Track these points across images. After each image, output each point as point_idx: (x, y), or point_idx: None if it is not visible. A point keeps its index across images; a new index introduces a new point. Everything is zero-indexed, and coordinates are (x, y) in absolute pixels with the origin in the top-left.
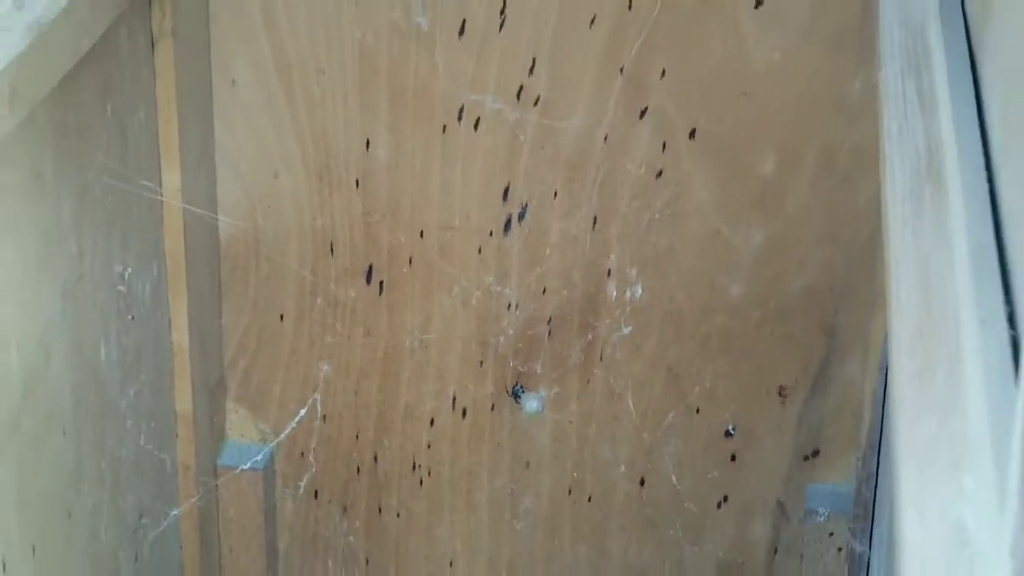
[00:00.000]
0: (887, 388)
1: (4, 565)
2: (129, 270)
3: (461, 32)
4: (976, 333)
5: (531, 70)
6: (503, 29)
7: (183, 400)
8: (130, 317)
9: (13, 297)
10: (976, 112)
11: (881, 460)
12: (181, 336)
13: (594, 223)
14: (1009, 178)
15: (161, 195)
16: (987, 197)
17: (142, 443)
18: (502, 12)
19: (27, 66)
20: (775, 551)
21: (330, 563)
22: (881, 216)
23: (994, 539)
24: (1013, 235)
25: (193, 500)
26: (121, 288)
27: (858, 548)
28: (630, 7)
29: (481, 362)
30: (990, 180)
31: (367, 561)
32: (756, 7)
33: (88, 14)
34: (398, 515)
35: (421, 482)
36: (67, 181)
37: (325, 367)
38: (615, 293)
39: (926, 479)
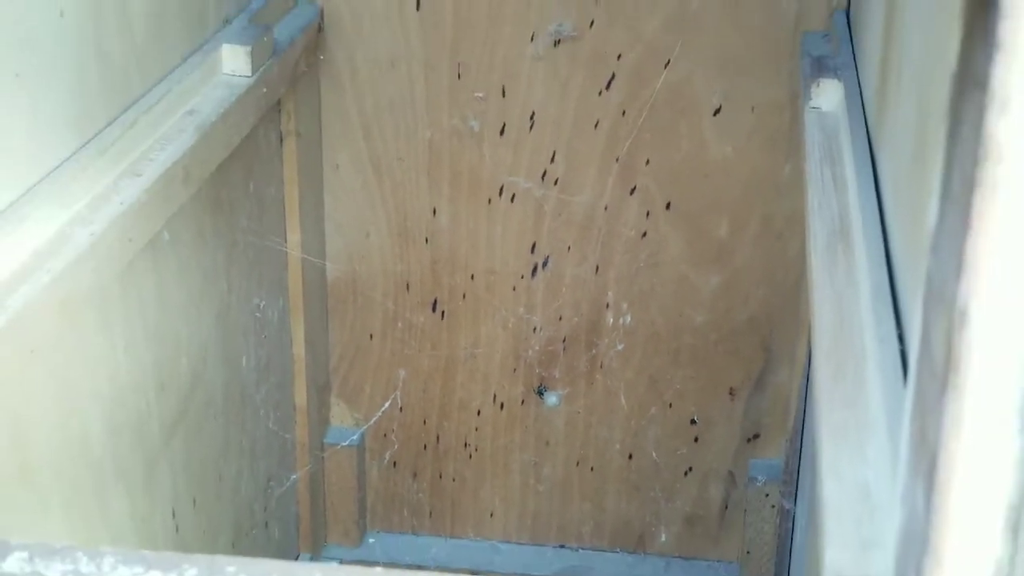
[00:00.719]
0: (808, 389)
1: (174, 512)
2: (263, 302)
3: (502, 132)
4: (875, 348)
5: (552, 159)
6: (532, 130)
7: (300, 395)
8: (263, 335)
9: (183, 321)
10: (875, 192)
11: (804, 441)
12: (299, 349)
13: (597, 270)
14: (898, 239)
15: (286, 248)
16: (883, 252)
17: (271, 426)
18: (531, 118)
19: (196, 156)
20: (726, 507)
21: (405, 513)
22: (806, 265)
23: (889, 493)
24: (901, 279)
25: (306, 468)
26: (257, 315)
27: (787, 505)
28: (623, 115)
29: (514, 369)
30: (885, 240)
31: (430, 513)
32: (714, 115)
33: (238, 119)
34: (453, 479)
35: (470, 456)
36: (221, 238)
37: (402, 372)
38: (611, 320)
39: (840, 451)
